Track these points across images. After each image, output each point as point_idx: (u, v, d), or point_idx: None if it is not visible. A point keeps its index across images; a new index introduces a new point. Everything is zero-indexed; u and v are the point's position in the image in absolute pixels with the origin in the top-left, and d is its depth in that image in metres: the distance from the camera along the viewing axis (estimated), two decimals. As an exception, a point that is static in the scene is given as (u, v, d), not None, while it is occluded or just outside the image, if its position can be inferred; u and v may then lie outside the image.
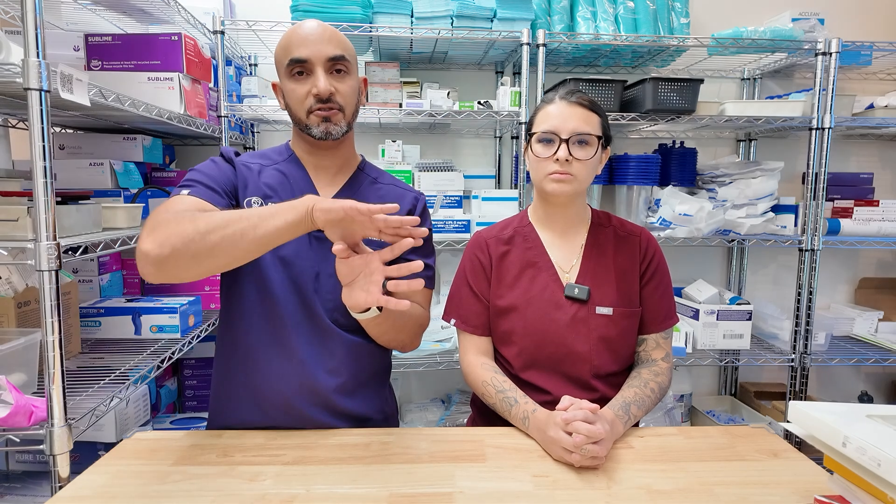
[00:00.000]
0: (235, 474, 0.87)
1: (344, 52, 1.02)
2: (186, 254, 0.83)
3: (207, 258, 0.85)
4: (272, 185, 1.07)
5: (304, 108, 1.02)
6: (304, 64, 1.00)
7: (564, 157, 1.08)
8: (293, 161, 1.11)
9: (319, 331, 1.04)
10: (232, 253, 0.85)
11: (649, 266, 1.18)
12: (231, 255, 0.85)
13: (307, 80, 1.01)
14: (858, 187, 2.24)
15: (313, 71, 1.00)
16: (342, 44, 1.03)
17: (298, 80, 1.01)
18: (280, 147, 1.15)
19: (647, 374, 1.13)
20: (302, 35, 1.00)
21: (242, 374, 1.05)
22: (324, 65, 1.00)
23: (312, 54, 0.99)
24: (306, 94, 1.01)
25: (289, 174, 1.09)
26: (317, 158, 1.10)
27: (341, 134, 1.04)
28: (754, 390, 2.35)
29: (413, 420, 2.16)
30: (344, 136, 1.06)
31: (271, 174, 1.08)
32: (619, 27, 2.00)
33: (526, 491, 0.84)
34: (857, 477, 0.68)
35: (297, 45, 1.00)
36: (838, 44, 1.91)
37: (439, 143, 2.34)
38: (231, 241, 0.84)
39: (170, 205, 0.92)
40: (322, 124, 1.02)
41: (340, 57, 1.01)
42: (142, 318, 1.58)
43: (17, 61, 0.96)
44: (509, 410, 1.06)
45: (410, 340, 1.13)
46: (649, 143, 2.39)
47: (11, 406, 1.00)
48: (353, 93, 1.06)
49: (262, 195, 1.05)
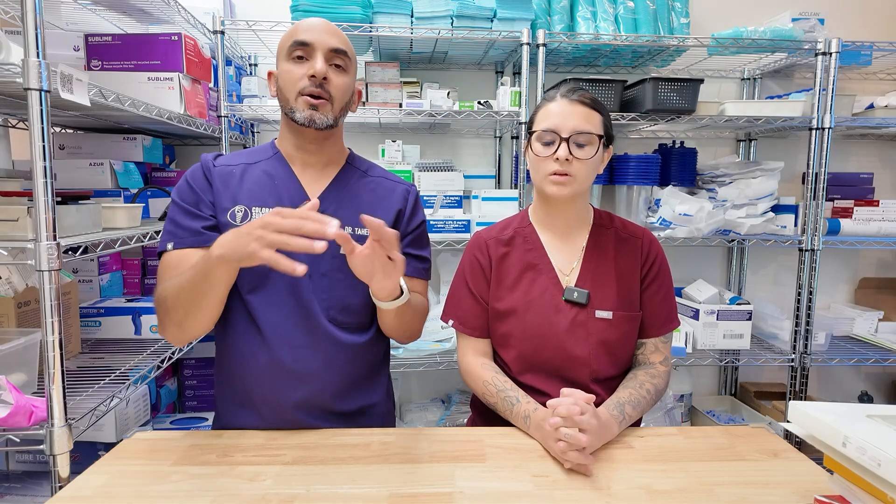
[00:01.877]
0: (235, 474, 0.87)
1: (346, 49, 1.04)
2: (183, 327, 0.96)
3: (195, 320, 0.96)
4: (255, 191, 1.05)
5: (296, 88, 1.02)
6: (307, 48, 1.01)
7: (564, 156, 1.06)
8: (278, 159, 1.10)
9: (316, 332, 1.04)
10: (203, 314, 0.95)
11: (651, 269, 1.16)
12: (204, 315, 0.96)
13: (305, 63, 1.02)
14: (858, 187, 2.25)
15: (313, 55, 1.01)
16: (345, 42, 1.05)
17: (297, 62, 1.02)
18: (265, 145, 1.14)
19: (643, 376, 1.12)
20: (310, 22, 1.04)
21: (238, 379, 1.05)
22: (325, 53, 1.01)
23: (316, 40, 1.01)
24: (301, 76, 1.01)
25: (274, 174, 1.08)
26: (303, 154, 1.09)
27: (325, 125, 1.03)
28: (754, 390, 2.35)
29: (413, 420, 2.16)
30: (329, 129, 1.05)
31: (255, 176, 1.07)
32: (619, 27, 2.00)
33: (526, 491, 0.84)
34: (857, 477, 0.68)
35: (303, 31, 1.02)
36: (838, 44, 1.91)
37: (439, 143, 2.34)
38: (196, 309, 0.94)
39: (159, 278, 1.02)
40: (307, 110, 1.01)
41: (342, 51, 1.03)
42: (142, 317, 1.59)
43: (17, 61, 0.96)
44: (510, 410, 1.06)
45: (419, 328, 1.15)
46: (649, 143, 2.39)
47: (11, 406, 1.00)
48: (347, 90, 1.06)
49: (245, 203, 1.04)
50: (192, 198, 1.04)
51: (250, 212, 1.04)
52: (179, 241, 1.01)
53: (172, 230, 1.02)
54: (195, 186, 1.05)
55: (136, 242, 1.32)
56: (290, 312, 1.03)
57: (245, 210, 1.04)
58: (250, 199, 1.04)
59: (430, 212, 1.93)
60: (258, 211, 1.03)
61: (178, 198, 1.05)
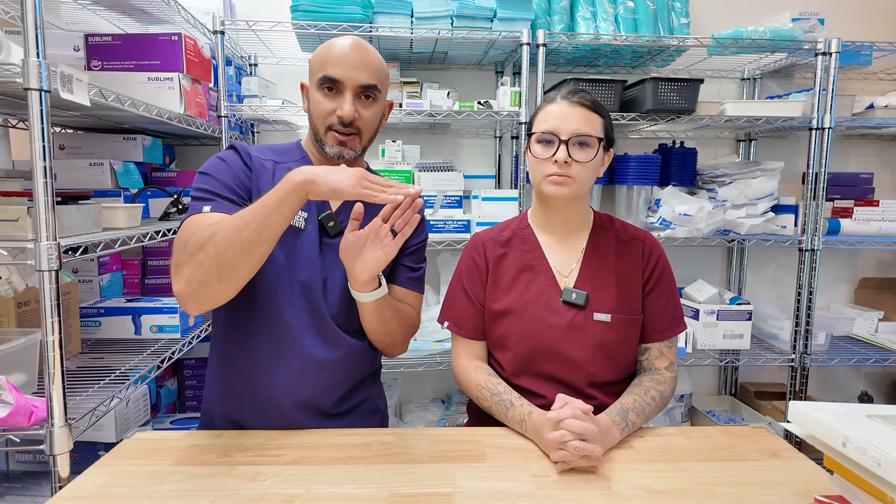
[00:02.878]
0: (235, 474, 0.87)
1: (377, 82, 1.03)
2: (213, 281, 0.87)
3: (232, 275, 0.87)
4: None
5: (325, 124, 1.03)
6: (336, 84, 1.01)
7: (563, 158, 1.05)
8: (306, 164, 1.10)
9: (327, 335, 1.05)
10: (249, 262, 0.87)
11: (653, 273, 1.15)
12: (250, 263, 0.88)
13: (335, 98, 1.02)
14: (858, 187, 2.24)
15: (343, 92, 1.01)
16: (378, 72, 1.03)
17: (327, 94, 1.02)
18: (291, 145, 1.14)
19: (648, 382, 1.10)
20: (341, 54, 1.00)
21: (243, 378, 1.05)
22: (354, 90, 1.01)
23: (346, 77, 1.00)
24: (330, 112, 1.02)
25: None
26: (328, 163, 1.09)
27: (353, 158, 1.06)
28: (754, 390, 2.35)
29: (413, 420, 2.16)
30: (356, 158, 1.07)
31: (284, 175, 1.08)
32: (619, 27, 2.00)
33: (526, 491, 0.84)
34: (857, 477, 0.68)
35: (333, 64, 1.00)
36: (838, 44, 1.91)
37: (439, 143, 2.34)
38: (245, 252, 0.86)
39: (190, 228, 0.92)
40: (337, 146, 1.03)
41: (373, 86, 1.02)
42: (142, 317, 1.59)
43: (17, 61, 0.96)
44: (505, 413, 1.05)
45: (403, 338, 1.14)
46: (649, 143, 2.39)
47: (11, 406, 1.00)
48: (376, 118, 1.06)
49: None
50: (231, 175, 1.02)
51: None
52: (219, 205, 0.96)
53: (207, 196, 0.97)
54: (234, 167, 1.03)
55: (136, 242, 1.32)
56: (304, 310, 1.04)
57: None
58: None
59: (430, 212, 1.93)
60: None
61: (213, 172, 1.01)
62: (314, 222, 1.06)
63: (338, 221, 1.06)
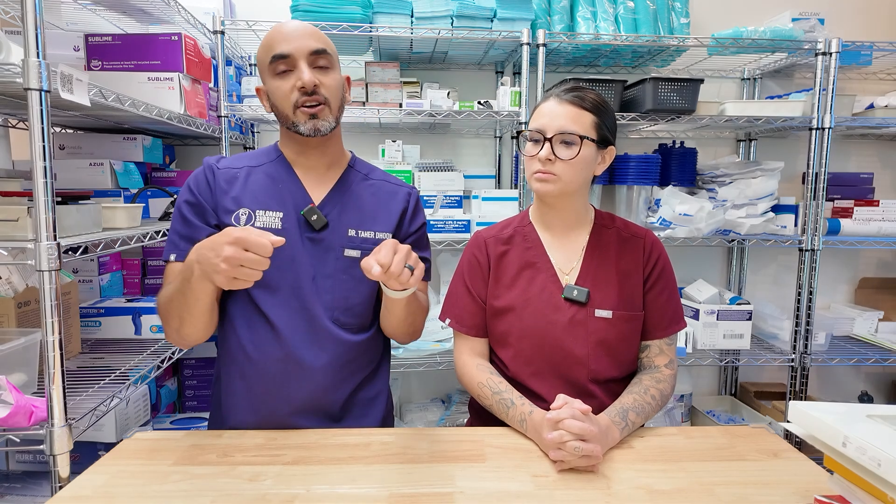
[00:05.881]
0: (235, 474, 0.87)
1: (325, 47, 1.02)
2: (181, 333, 0.99)
3: (192, 327, 0.98)
4: (258, 194, 1.06)
5: (290, 103, 1.01)
6: (287, 59, 1.00)
7: (545, 156, 1.06)
8: (281, 162, 1.10)
9: (319, 333, 1.04)
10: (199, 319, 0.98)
11: (654, 270, 1.15)
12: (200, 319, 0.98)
13: (291, 75, 1.01)
14: (858, 187, 2.24)
15: (296, 65, 1.00)
16: (323, 39, 1.04)
17: (282, 76, 1.01)
18: (268, 147, 1.14)
19: (647, 381, 1.10)
20: (283, 32, 1.01)
21: (239, 379, 1.05)
22: (306, 58, 1.00)
23: (294, 49, 1.00)
24: (291, 89, 1.01)
25: (277, 177, 1.08)
26: (305, 158, 1.09)
27: (329, 129, 1.04)
28: (754, 390, 2.35)
29: (413, 420, 2.16)
30: (331, 131, 1.06)
31: (259, 179, 1.07)
32: (619, 27, 2.00)
33: (526, 491, 0.84)
34: (857, 477, 0.68)
35: (278, 42, 1.00)
36: (838, 44, 1.91)
37: (439, 143, 2.34)
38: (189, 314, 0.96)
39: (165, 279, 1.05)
40: (310, 121, 1.02)
41: (322, 51, 1.02)
42: (142, 317, 1.59)
43: (17, 61, 0.96)
44: (506, 412, 1.05)
45: (421, 325, 1.16)
46: (649, 143, 2.39)
47: (11, 406, 1.00)
48: (338, 87, 1.05)
49: (249, 206, 1.04)
50: (194, 205, 1.05)
51: (254, 215, 1.04)
52: (181, 254, 1.02)
53: (175, 240, 1.04)
54: (196, 191, 1.05)
55: (136, 242, 1.32)
56: (294, 312, 1.03)
57: (249, 213, 1.04)
58: (254, 202, 1.05)
59: (430, 212, 1.93)
60: (262, 214, 1.04)
61: (180, 203, 1.05)
62: (293, 220, 1.05)
63: (321, 215, 1.05)
